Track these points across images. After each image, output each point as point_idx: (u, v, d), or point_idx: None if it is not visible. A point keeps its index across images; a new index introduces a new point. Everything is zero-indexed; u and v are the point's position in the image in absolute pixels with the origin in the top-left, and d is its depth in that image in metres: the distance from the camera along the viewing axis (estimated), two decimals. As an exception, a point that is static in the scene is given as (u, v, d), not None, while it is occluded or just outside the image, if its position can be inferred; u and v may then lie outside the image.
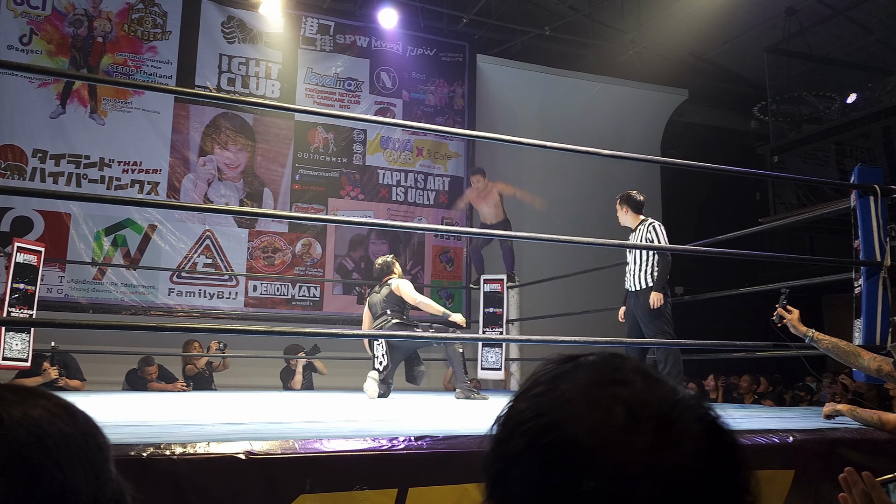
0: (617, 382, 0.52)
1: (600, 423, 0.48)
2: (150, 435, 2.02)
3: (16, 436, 0.42)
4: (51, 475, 0.42)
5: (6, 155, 7.10)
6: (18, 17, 7.31)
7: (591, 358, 0.56)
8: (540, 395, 0.53)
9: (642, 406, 0.49)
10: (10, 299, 5.28)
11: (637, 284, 4.65)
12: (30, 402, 0.44)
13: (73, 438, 0.45)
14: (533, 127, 8.80)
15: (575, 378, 0.53)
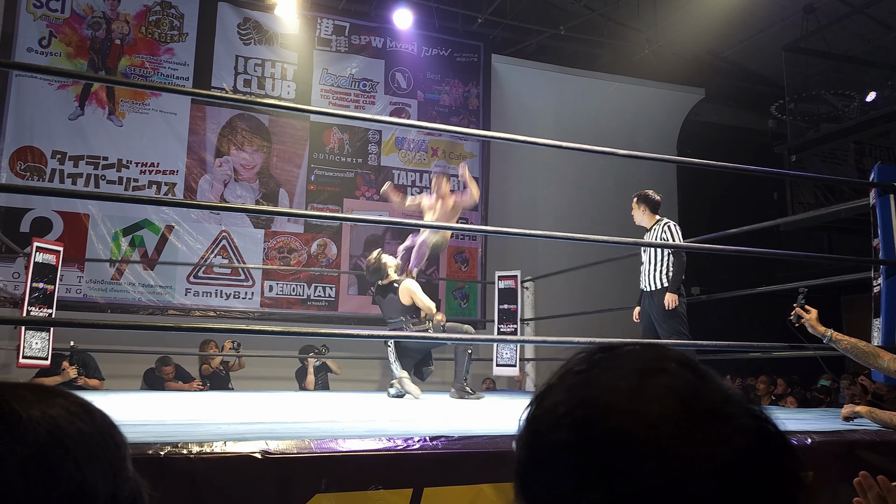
0: (664, 372, 0.49)
1: (655, 415, 0.46)
2: (167, 434, 2.04)
3: (35, 435, 0.43)
4: (69, 474, 0.43)
5: (26, 156, 7.18)
6: (38, 20, 7.40)
7: (631, 346, 0.53)
8: (578, 384, 0.50)
9: (695, 398, 0.47)
10: (29, 299, 5.35)
11: (652, 284, 4.63)
12: (48, 401, 0.45)
13: (92, 437, 0.45)
14: (548, 127, 8.78)
15: (617, 367, 0.50)
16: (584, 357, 0.53)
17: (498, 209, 8.88)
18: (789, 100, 9.29)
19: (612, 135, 8.12)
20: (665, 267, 4.58)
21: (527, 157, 9.07)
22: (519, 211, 8.78)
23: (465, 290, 8.75)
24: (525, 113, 9.16)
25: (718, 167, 3.56)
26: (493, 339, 5.30)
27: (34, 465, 0.42)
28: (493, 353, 6.71)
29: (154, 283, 7.45)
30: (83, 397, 0.50)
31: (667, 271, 4.57)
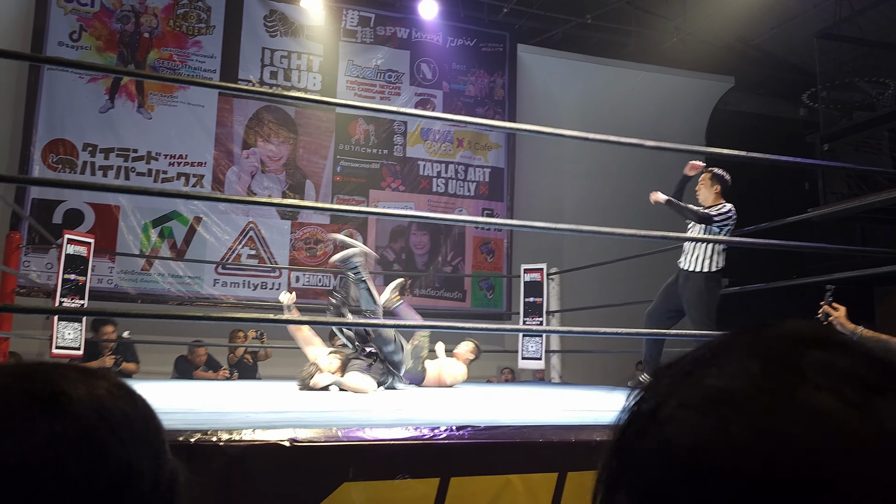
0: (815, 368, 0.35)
1: (847, 435, 0.32)
2: (197, 422, 2.06)
3: (82, 413, 0.43)
4: (117, 454, 0.43)
5: (58, 149, 7.30)
6: (68, 14, 7.50)
7: (741, 336, 0.39)
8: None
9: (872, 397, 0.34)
10: (62, 289, 5.45)
11: (692, 265, 4.45)
12: (92, 381, 0.46)
13: (135, 419, 0.46)
14: (574, 116, 8.71)
15: (742, 367, 0.36)
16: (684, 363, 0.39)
17: (524, 201, 8.84)
18: (821, 88, 9.12)
19: (639, 125, 8.02)
20: (714, 251, 4.41)
21: (553, 148, 9.01)
22: (545, 203, 8.74)
23: (491, 282, 8.74)
24: (551, 103, 9.09)
25: (749, 158, 3.50)
26: (518, 330, 5.28)
27: (84, 444, 0.42)
28: (519, 346, 6.70)
29: (183, 274, 7.55)
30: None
31: (712, 255, 4.42)
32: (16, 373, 0.45)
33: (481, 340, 8.23)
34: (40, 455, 0.41)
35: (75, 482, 0.41)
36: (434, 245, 8.59)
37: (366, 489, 1.84)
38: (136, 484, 0.44)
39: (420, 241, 8.55)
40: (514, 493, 1.92)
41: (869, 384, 0.34)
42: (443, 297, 8.47)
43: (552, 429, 2.08)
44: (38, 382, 0.44)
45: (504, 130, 8.90)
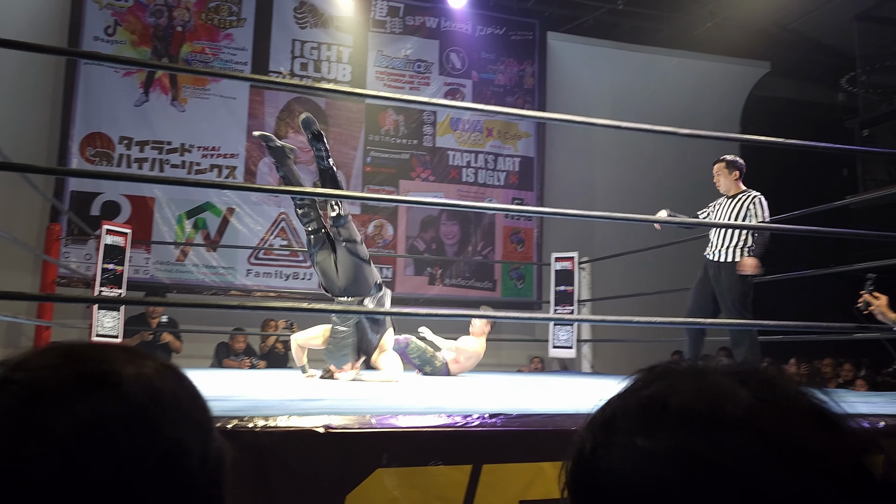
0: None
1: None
2: (234, 409, 2.10)
3: (133, 392, 0.44)
4: (168, 433, 0.44)
5: (95, 142, 7.44)
6: (103, 9, 7.62)
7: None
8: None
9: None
10: (101, 279, 5.57)
11: (722, 256, 4.38)
12: (139, 361, 0.47)
13: (182, 398, 0.47)
14: (605, 105, 8.63)
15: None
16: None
17: (554, 189, 8.80)
18: (861, 72, 8.89)
19: (672, 112, 7.90)
20: (743, 241, 4.33)
21: (584, 137, 8.94)
22: (576, 191, 8.68)
23: (521, 271, 8.72)
24: (582, 91, 9.01)
25: (785, 144, 3.43)
26: (548, 318, 5.27)
27: (136, 423, 0.43)
28: (549, 335, 6.69)
29: (217, 265, 7.66)
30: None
31: (743, 245, 4.37)
32: (66, 353, 0.46)
33: (512, 330, 8.24)
34: (93, 434, 0.42)
35: (128, 460, 0.42)
36: (464, 235, 8.60)
37: (399, 475, 1.86)
38: (185, 461, 0.45)
39: (450, 230, 8.55)
40: (546, 480, 1.92)
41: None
42: (473, 287, 8.47)
43: (584, 417, 2.07)
44: (88, 362, 0.45)
45: (535, 120, 8.85)
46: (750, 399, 0.45)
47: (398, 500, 1.86)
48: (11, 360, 0.45)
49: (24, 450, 0.40)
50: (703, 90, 9.33)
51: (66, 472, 0.40)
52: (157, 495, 0.43)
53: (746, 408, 0.45)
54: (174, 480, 0.44)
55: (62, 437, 0.41)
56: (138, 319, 6.31)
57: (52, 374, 0.44)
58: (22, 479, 0.39)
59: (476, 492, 1.92)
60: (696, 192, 8.42)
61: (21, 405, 0.42)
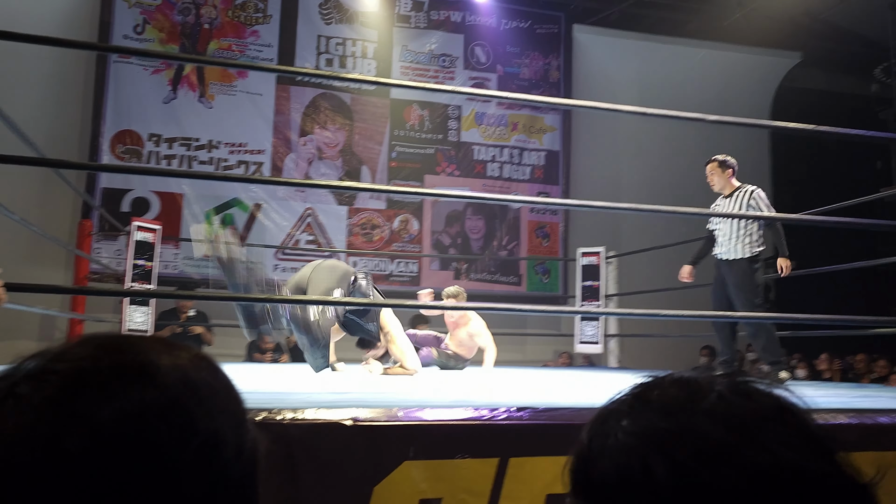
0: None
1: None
2: (263, 401, 2.12)
3: (170, 383, 0.45)
4: (204, 423, 0.45)
5: (125, 139, 7.55)
6: (132, 8, 7.72)
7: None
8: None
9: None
10: (131, 274, 5.66)
11: (731, 253, 4.39)
12: (175, 353, 0.47)
13: (218, 389, 0.47)
14: (632, 98, 8.51)
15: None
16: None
17: (580, 184, 8.73)
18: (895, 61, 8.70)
19: (700, 105, 7.76)
20: (749, 237, 4.34)
21: (610, 130, 8.86)
22: (602, 185, 8.59)
23: (547, 266, 8.68)
24: (608, 84, 8.92)
25: (817, 132, 3.37)
26: (574, 312, 5.25)
27: (173, 413, 0.44)
28: (576, 330, 6.65)
29: (245, 260, 7.72)
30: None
31: (750, 241, 4.35)
32: (104, 344, 0.46)
33: (537, 325, 8.22)
34: (132, 424, 0.42)
35: (166, 451, 0.42)
36: (489, 229, 8.58)
37: (426, 468, 1.86)
38: (222, 452, 0.45)
39: (475, 225, 8.55)
40: (574, 475, 1.91)
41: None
42: (498, 282, 8.46)
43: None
44: (127, 353, 0.46)
45: (559, 111, 8.79)
46: (722, 392, 0.51)
47: (425, 493, 1.87)
48: (52, 350, 0.46)
49: (64, 439, 0.40)
50: (732, 82, 9.19)
51: (105, 461, 0.41)
52: (194, 486, 0.43)
53: (716, 399, 0.51)
54: (211, 471, 0.44)
55: (102, 426, 0.41)
56: (169, 314, 6.43)
57: (91, 364, 0.44)
58: (62, 468, 0.40)
59: (503, 485, 1.92)
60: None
61: (62, 395, 0.42)
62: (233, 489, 0.46)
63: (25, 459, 0.40)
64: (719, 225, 4.53)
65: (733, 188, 4.49)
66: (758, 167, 9.22)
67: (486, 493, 1.92)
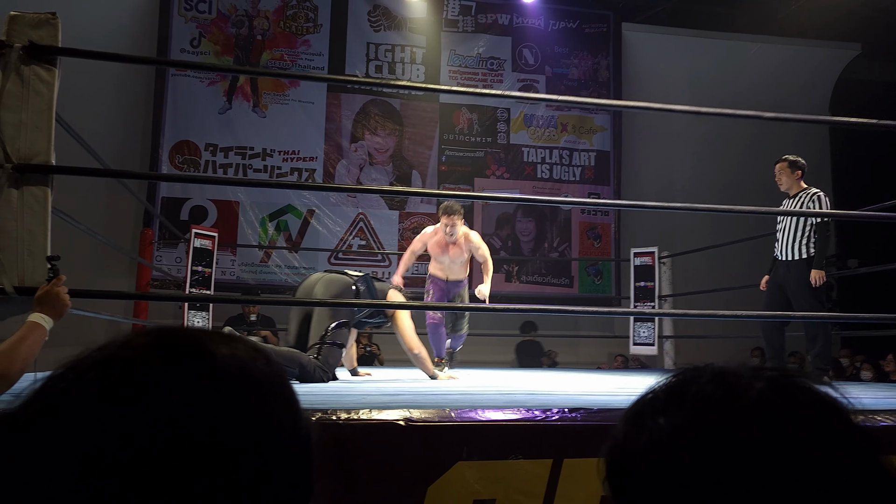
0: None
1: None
2: (318, 402, 2.16)
3: (227, 371, 0.47)
4: (260, 409, 0.47)
5: (183, 150, 7.78)
6: (189, 22, 7.96)
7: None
8: None
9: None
10: (190, 281, 5.82)
11: (790, 254, 4.38)
12: (231, 343, 0.49)
13: (271, 376, 0.49)
14: (684, 95, 8.38)
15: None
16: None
17: (632, 184, 8.62)
18: (963, 50, 8.34)
19: (755, 101, 7.62)
20: (807, 238, 4.33)
21: (661, 129, 8.72)
22: (654, 185, 8.47)
23: (599, 267, 8.59)
24: (659, 82, 8.78)
25: (878, 126, 3.26)
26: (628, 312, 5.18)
27: (230, 400, 0.46)
28: (630, 332, 6.56)
29: (298, 265, 7.88)
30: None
31: (808, 242, 4.32)
32: (163, 334, 0.49)
33: (590, 326, 8.13)
34: (193, 411, 0.44)
35: (226, 436, 0.45)
36: (540, 231, 8.54)
37: (479, 468, 1.87)
38: (277, 435, 0.47)
39: (526, 227, 8.52)
40: (628, 476, 1.90)
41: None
42: (549, 284, 8.41)
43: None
44: (186, 343, 0.48)
45: (609, 111, 8.70)
46: (762, 390, 0.50)
47: (479, 494, 1.88)
48: (117, 340, 0.48)
49: (130, 425, 0.43)
50: (788, 77, 8.94)
51: (168, 447, 0.43)
52: (252, 468, 0.45)
53: (755, 397, 0.49)
54: (267, 454, 0.46)
55: (167, 413, 0.44)
56: (237, 319, 6.66)
57: (154, 353, 0.47)
58: (126, 452, 0.42)
59: (558, 486, 1.92)
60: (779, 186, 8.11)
61: (126, 382, 0.45)
62: (288, 473, 0.48)
63: (92, 444, 0.42)
64: (779, 226, 4.53)
65: (800, 189, 4.48)
66: (818, 163, 8.95)
67: (541, 494, 1.92)
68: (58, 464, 0.42)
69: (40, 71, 2.23)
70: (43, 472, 0.42)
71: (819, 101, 9.09)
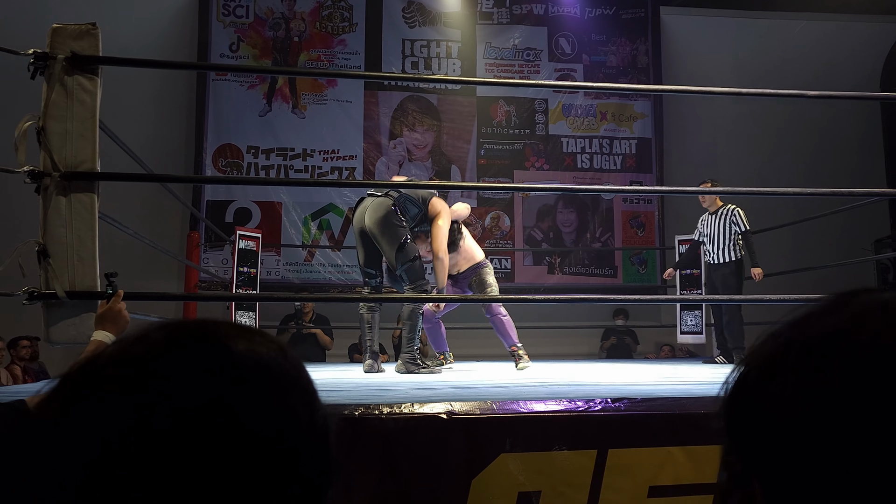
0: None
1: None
2: (360, 397, 2.18)
3: (246, 364, 0.47)
4: (278, 403, 0.47)
5: (226, 153, 7.93)
6: (227, 28, 8.09)
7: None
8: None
9: None
10: (236, 282, 5.93)
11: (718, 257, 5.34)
12: (248, 337, 0.50)
13: (288, 369, 0.50)
14: (727, 78, 8.17)
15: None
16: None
17: (674, 171, 8.46)
18: None
19: (802, 79, 7.38)
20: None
21: (704, 113, 8.53)
22: (697, 170, 8.28)
23: (643, 256, 8.47)
24: (700, 66, 8.58)
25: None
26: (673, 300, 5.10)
27: (250, 392, 0.46)
28: (677, 320, 6.46)
29: (342, 263, 7.95)
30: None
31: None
32: (182, 328, 0.50)
33: (637, 316, 8.03)
34: (214, 404, 0.45)
35: (246, 429, 0.45)
36: (582, 222, 8.46)
37: (523, 460, 1.86)
38: (294, 428, 0.47)
39: (567, 218, 8.44)
40: (676, 465, 1.87)
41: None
42: (593, 275, 8.32)
43: (713, 401, 2.00)
44: (202, 336, 0.49)
45: (649, 97, 8.55)
46: None
47: (524, 486, 1.87)
48: (132, 334, 0.49)
49: (147, 422, 0.43)
50: (836, 53, 8.64)
51: (186, 441, 0.43)
52: (270, 460, 0.45)
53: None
54: (285, 446, 0.46)
55: (181, 407, 0.44)
56: (293, 317, 6.94)
57: (168, 347, 0.47)
58: (146, 449, 0.42)
59: (603, 477, 1.90)
60: (830, 163, 7.87)
61: (142, 378, 0.45)
62: (307, 462, 0.48)
63: (110, 442, 0.43)
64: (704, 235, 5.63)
65: (718, 206, 5.49)
66: (870, 142, 8.66)
67: (587, 485, 1.90)
68: (78, 460, 0.42)
69: (83, 80, 2.29)
70: (64, 468, 0.43)
71: (869, 78, 8.78)
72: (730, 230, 5.35)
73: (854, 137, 8.44)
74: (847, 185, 4.35)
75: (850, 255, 5.84)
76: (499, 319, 4.34)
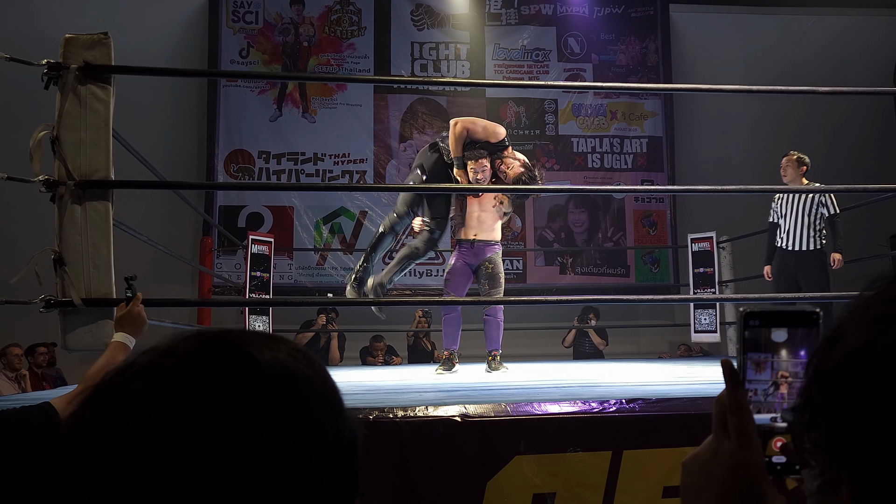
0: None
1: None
2: (375, 400, 2.19)
3: (270, 374, 0.48)
4: (303, 413, 0.47)
5: (237, 159, 7.97)
6: (237, 34, 8.14)
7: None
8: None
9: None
10: (249, 286, 5.96)
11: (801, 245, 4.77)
12: (273, 346, 0.50)
13: (314, 379, 0.50)
14: (738, 75, 8.12)
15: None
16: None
17: (687, 169, 8.42)
18: None
19: (815, 75, 7.32)
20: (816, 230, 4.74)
21: (716, 111, 8.48)
22: (709, 170, 8.24)
23: (656, 255, 8.43)
24: (710, 63, 8.54)
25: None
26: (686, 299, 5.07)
27: (273, 402, 0.47)
28: (691, 319, 6.43)
29: (354, 266, 7.96)
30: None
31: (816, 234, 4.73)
32: (206, 337, 0.50)
33: (650, 315, 8.00)
34: (236, 413, 0.45)
35: (267, 439, 0.45)
36: (593, 222, 8.44)
37: (538, 462, 1.86)
38: (320, 439, 0.48)
39: (578, 218, 8.42)
40: (691, 466, 1.86)
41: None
42: (605, 274, 8.29)
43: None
44: (230, 348, 0.49)
45: (659, 96, 8.52)
46: None
47: (539, 487, 1.87)
48: (161, 345, 0.50)
49: (173, 432, 0.43)
50: (849, 47, 8.56)
51: (212, 452, 0.43)
52: (296, 472, 0.45)
53: None
54: (312, 456, 0.47)
55: (208, 418, 0.44)
56: (311, 323, 6.94)
57: (198, 359, 0.48)
58: (172, 459, 0.43)
59: (618, 478, 1.89)
60: (845, 160, 7.79)
61: (170, 389, 0.46)
62: (333, 471, 0.48)
63: (135, 453, 0.43)
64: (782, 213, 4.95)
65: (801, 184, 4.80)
66: (885, 138, 8.57)
67: (601, 486, 1.90)
68: (107, 469, 0.43)
69: (96, 90, 2.31)
70: (94, 477, 0.43)
71: (883, 73, 8.70)
72: (815, 213, 4.65)
73: (869, 134, 8.36)
74: (862, 182, 4.32)
75: (866, 251, 5.78)
76: (496, 323, 4.24)
